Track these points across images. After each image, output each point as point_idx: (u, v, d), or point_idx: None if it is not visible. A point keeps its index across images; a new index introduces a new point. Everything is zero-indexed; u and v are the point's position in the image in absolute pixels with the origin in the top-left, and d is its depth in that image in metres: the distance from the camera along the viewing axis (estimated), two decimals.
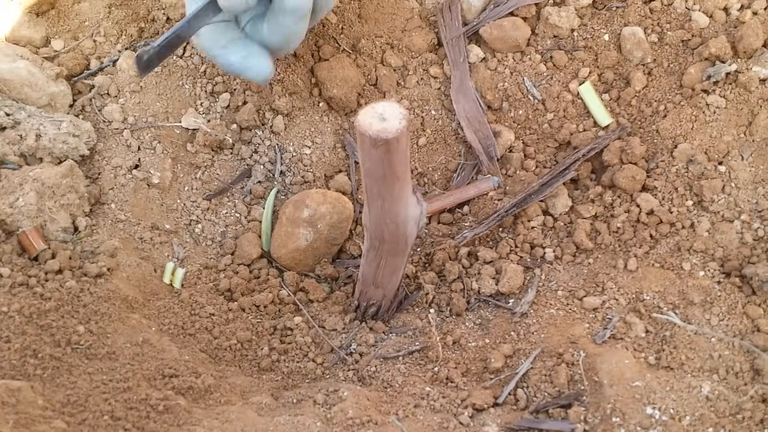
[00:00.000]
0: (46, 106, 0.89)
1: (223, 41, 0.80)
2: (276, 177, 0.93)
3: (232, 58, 0.80)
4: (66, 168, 0.83)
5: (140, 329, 0.76)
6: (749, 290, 0.75)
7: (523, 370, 0.73)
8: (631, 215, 0.81)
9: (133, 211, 0.88)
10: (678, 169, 0.82)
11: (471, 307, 0.83)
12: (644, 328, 0.74)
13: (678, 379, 0.70)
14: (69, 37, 0.95)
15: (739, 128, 0.82)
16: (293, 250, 0.88)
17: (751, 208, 0.79)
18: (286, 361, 0.79)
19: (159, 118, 0.92)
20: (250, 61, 0.80)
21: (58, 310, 0.74)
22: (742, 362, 0.71)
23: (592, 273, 0.80)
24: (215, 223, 0.91)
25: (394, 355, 0.78)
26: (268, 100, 0.93)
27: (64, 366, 0.69)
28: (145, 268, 0.84)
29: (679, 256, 0.78)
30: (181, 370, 0.73)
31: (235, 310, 0.84)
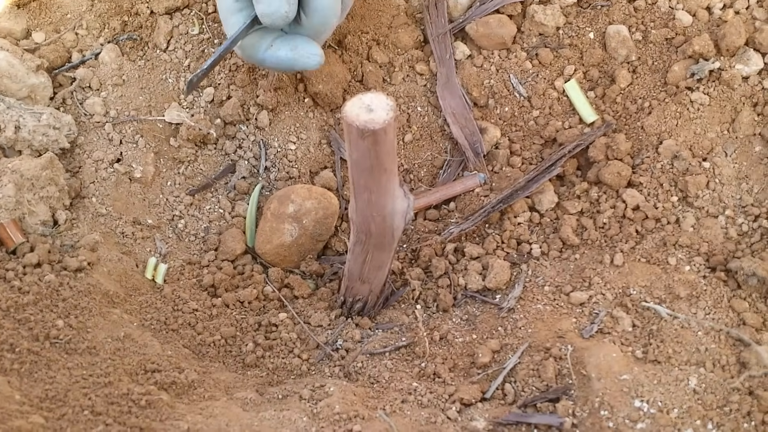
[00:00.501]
0: (26, 98, 0.87)
1: (266, 44, 0.81)
2: (260, 173, 0.92)
3: (281, 53, 0.81)
4: (46, 160, 0.82)
5: (122, 324, 0.75)
6: (734, 284, 0.76)
7: (510, 365, 0.73)
8: (617, 211, 0.82)
9: (114, 205, 0.87)
10: (663, 165, 0.82)
11: (458, 303, 0.83)
12: (631, 322, 0.74)
13: (665, 373, 0.70)
14: (50, 29, 0.93)
15: (723, 125, 0.83)
16: (278, 245, 0.87)
17: (735, 204, 0.80)
18: (271, 357, 0.78)
19: (142, 111, 0.91)
20: (299, 50, 0.81)
21: (37, 304, 0.73)
22: (729, 355, 0.71)
23: (578, 268, 0.80)
24: (198, 219, 0.90)
25: (381, 350, 0.78)
26: (252, 95, 0.92)
27: (42, 360, 0.68)
28: (126, 263, 0.83)
29: (664, 251, 0.78)
30: (163, 365, 0.72)
31: (218, 306, 0.83)
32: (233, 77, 0.92)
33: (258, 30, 0.82)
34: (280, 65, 0.83)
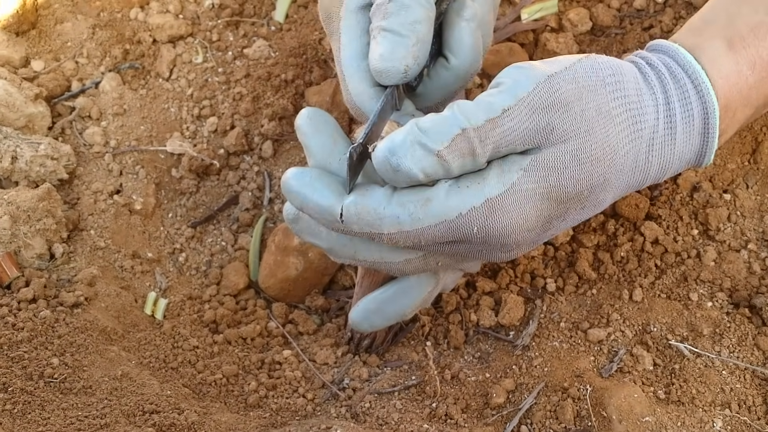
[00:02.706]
0: (23, 128, 0.86)
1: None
2: (264, 204, 0.90)
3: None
4: (43, 191, 0.81)
5: (119, 362, 0.73)
6: (759, 321, 0.73)
7: (526, 406, 0.70)
8: (635, 244, 0.79)
9: (113, 238, 0.85)
10: (682, 197, 0.80)
11: (470, 340, 0.80)
12: (652, 360, 0.72)
13: (689, 414, 0.68)
14: (50, 57, 0.92)
15: (744, 156, 0.81)
16: (282, 280, 0.85)
17: (757, 237, 0.78)
18: (274, 397, 0.76)
19: (143, 142, 0.89)
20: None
21: (31, 341, 0.71)
22: (755, 395, 0.69)
23: (596, 304, 0.78)
24: (200, 252, 0.89)
25: (390, 390, 0.75)
26: (256, 125, 0.91)
27: (36, 401, 0.66)
28: (125, 298, 0.81)
29: (686, 287, 0.76)
30: (162, 406, 0.70)
31: (220, 343, 0.81)
32: (237, 106, 0.91)
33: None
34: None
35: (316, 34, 0.95)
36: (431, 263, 0.61)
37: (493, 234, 0.54)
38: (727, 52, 0.61)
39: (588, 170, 0.55)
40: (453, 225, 0.53)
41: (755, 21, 0.62)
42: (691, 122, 0.60)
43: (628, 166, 0.58)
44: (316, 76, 0.93)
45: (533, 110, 0.53)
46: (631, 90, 0.57)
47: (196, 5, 0.97)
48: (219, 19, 0.96)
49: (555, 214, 0.57)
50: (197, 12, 0.96)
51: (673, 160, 0.60)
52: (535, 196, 0.54)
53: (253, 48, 0.95)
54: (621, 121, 0.56)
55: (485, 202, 0.53)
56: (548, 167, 0.54)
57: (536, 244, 0.60)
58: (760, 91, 0.63)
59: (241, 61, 0.95)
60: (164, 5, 0.95)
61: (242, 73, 0.94)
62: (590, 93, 0.55)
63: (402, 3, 0.57)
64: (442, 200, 0.53)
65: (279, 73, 0.93)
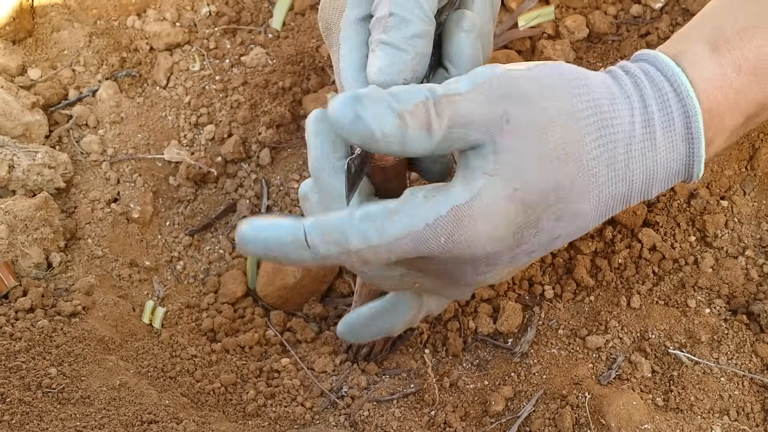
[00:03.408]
0: (20, 137, 0.86)
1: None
2: (262, 212, 0.90)
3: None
4: (40, 200, 0.80)
5: (117, 372, 0.73)
6: (757, 328, 0.73)
7: (525, 414, 0.70)
8: (633, 251, 0.79)
9: (110, 246, 0.85)
10: (680, 203, 0.80)
11: (468, 347, 0.80)
12: (650, 367, 0.72)
13: (688, 422, 0.68)
14: (47, 65, 0.92)
15: (741, 162, 0.81)
16: (280, 287, 0.85)
17: (755, 244, 0.78)
18: (273, 406, 0.76)
19: (140, 150, 0.89)
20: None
21: (29, 351, 0.70)
22: (753, 402, 0.69)
23: (594, 311, 0.77)
24: (198, 260, 0.89)
25: (388, 398, 0.75)
26: (254, 132, 0.90)
27: (34, 411, 0.65)
28: (122, 306, 0.81)
29: (683, 293, 0.76)
30: (160, 416, 0.69)
31: (218, 352, 0.80)
32: (234, 114, 0.91)
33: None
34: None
35: (313, 42, 0.95)
36: (408, 283, 0.60)
37: (462, 244, 0.52)
38: (710, 54, 0.59)
39: (550, 170, 0.53)
40: (421, 236, 0.51)
41: (741, 25, 0.60)
42: (672, 127, 0.57)
43: (602, 172, 0.55)
44: (313, 84, 0.93)
45: (490, 97, 0.52)
46: (601, 93, 0.55)
47: (193, 13, 0.97)
48: (216, 26, 0.96)
49: (525, 221, 0.54)
50: (194, 20, 0.96)
51: (657, 169, 0.57)
52: (502, 200, 0.52)
53: (251, 56, 0.95)
54: (588, 124, 0.54)
55: (451, 210, 0.51)
56: (512, 169, 0.52)
57: (513, 264, 0.57)
58: (748, 97, 0.60)
59: (239, 68, 0.94)
60: (161, 13, 0.95)
61: (239, 80, 0.93)
62: (552, 92, 0.54)
63: (402, 17, 0.56)
64: (408, 211, 0.52)
65: (276, 80, 0.93)
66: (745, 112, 0.60)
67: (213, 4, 0.96)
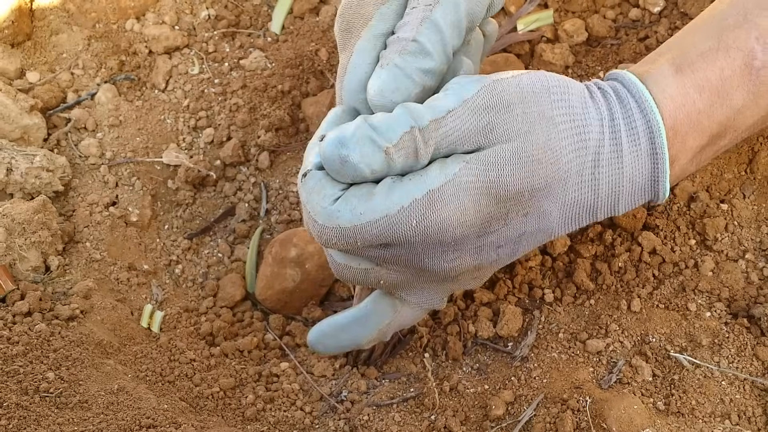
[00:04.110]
0: (18, 140, 0.86)
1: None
2: (261, 215, 0.90)
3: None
4: (38, 203, 0.80)
5: (115, 376, 0.72)
6: (758, 331, 0.73)
7: (525, 418, 0.70)
8: (633, 255, 0.79)
9: (109, 250, 0.84)
10: (680, 207, 0.80)
11: (468, 351, 0.80)
12: (651, 371, 0.71)
13: (689, 426, 0.67)
14: (45, 69, 0.92)
15: (740, 166, 0.81)
16: (279, 291, 0.85)
17: (755, 247, 0.77)
18: (272, 410, 0.75)
19: (139, 153, 0.89)
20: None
21: (26, 355, 0.70)
22: (755, 406, 0.69)
23: (594, 315, 0.77)
24: (196, 264, 0.88)
25: (388, 402, 0.74)
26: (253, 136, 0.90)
27: (31, 416, 0.65)
28: (121, 310, 0.80)
29: (684, 297, 0.76)
30: (159, 420, 0.69)
31: (217, 356, 0.80)
32: (233, 117, 0.91)
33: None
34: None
35: (312, 45, 0.95)
36: (373, 278, 0.60)
37: (432, 227, 0.53)
38: (674, 74, 0.61)
39: (529, 170, 0.54)
40: (394, 220, 0.53)
41: (705, 47, 0.62)
42: (637, 140, 0.59)
43: (572, 178, 0.57)
44: (312, 87, 0.93)
45: (475, 111, 0.54)
46: (576, 102, 0.57)
47: (192, 16, 0.96)
48: (215, 30, 0.96)
49: (495, 213, 0.55)
50: (193, 23, 0.96)
51: (624, 181, 0.59)
52: (475, 189, 0.53)
53: (250, 59, 0.94)
54: (564, 129, 0.56)
55: (426, 194, 0.52)
56: (489, 162, 0.54)
57: (479, 255, 0.58)
58: (711, 117, 0.61)
59: (238, 72, 0.94)
60: (160, 16, 0.95)
61: (239, 84, 0.93)
62: (533, 97, 0.55)
63: (423, 47, 0.56)
64: (384, 194, 0.53)
65: (275, 84, 0.93)
66: (707, 132, 0.62)
67: (212, 8, 0.96)
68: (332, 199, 0.53)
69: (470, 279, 0.63)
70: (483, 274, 0.63)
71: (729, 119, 0.62)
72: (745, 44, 0.61)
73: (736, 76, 0.61)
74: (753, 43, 0.61)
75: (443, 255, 0.57)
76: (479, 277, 0.64)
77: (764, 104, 0.63)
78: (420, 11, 0.57)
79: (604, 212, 0.61)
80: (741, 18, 0.62)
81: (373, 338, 0.67)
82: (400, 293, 0.64)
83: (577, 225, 0.61)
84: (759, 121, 0.65)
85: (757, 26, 0.61)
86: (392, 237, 0.53)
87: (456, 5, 0.57)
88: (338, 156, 0.51)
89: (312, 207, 0.54)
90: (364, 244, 0.54)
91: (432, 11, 0.57)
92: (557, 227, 0.60)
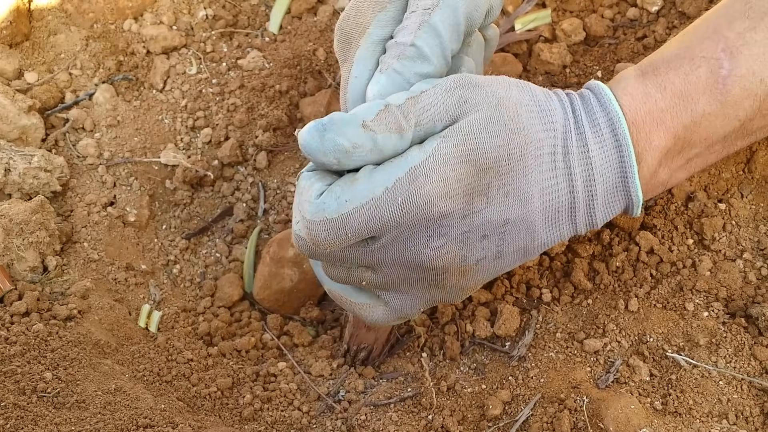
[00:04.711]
0: (16, 140, 0.86)
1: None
2: (259, 215, 0.90)
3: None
4: (36, 204, 0.80)
5: (113, 376, 0.72)
6: (755, 331, 0.73)
7: (523, 418, 0.70)
8: (631, 254, 0.79)
9: (107, 250, 0.85)
10: (677, 206, 0.80)
11: (465, 351, 0.80)
12: (648, 371, 0.71)
13: (687, 425, 0.67)
14: (43, 69, 0.92)
15: (738, 165, 0.81)
16: (277, 291, 0.85)
17: (753, 247, 0.77)
18: (269, 410, 0.75)
19: (136, 153, 0.89)
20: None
21: (24, 355, 0.70)
22: (752, 406, 0.69)
23: (591, 314, 0.77)
24: (194, 264, 0.88)
25: (385, 402, 0.74)
26: (251, 136, 0.90)
27: (29, 416, 0.65)
28: (118, 310, 0.80)
29: (681, 297, 0.76)
30: (156, 420, 0.69)
31: (214, 356, 0.80)
32: (231, 117, 0.91)
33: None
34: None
35: (310, 45, 0.95)
36: (356, 277, 0.61)
37: (417, 201, 0.53)
38: (636, 77, 0.63)
39: (503, 138, 0.55)
40: (379, 202, 0.53)
41: (671, 54, 0.64)
42: (599, 130, 0.61)
43: (546, 158, 0.58)
44: (310, 87, 0.93)
45: (448, 90, 0.55)
46: (539, 93, 0.60)
47: (189, 16, 0.96)
48: (213, 30, 0.96)
49: (476, 185, 0.56)
50: (191, 23, 0.96)
51: (595, 173, 0.60)
52: (454, 158, 0.54)
53: (247, 59, 0.94)
54: (531, 110, 0.58)
55: (408, 171, 0.53)
56: (465, 132, 0.55)
57: (465, 242, 0.58)
58: (675, 118, 0.62)
59: (235, 72, 0.94)
60: (158, 16, 0.95)
61: (236, 84, 0.93)
62: (499, 83, 0.58)
63: (422, 52, 0.57)
64: (367, 178, 0.53)
65: (273, 83, 0.93)
66: (672, 131, 0.63)
67: (210, 8, 0.96)
68: (318, 193, 0.54)
69: (456, 288, 0.63)
70: (467, 281, 0.63)
71: (695, 124, 0.63)
72: (712, 54, 0.62)
73: (701, 83, 0.62)
74: (719, 53, 0.62)
75: (429, 240, 0.57)
76: (463, 286, 0.63)
77: (734, 114, 0.63)
78: (418, 15, 0.57)
79: (582, 209, 0.62)
80: (710, 31, 0.64)
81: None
82: (382, 294, 0.63)
83: (558, 228, 0.62)
84: (733, 134, 0.66)
85: (725, 38, 0.62)
86: (380, 220, 0.53)
87: (454, 9, 0.58)
88: (317, 134, 0.52)
89: (301, 206, 0.54)
90: (354, 234, 0.54)
91: (430, 15, 0.57)
92: (540, 223, 0.61)
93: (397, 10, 0.60)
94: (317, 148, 0.52)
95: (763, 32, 0.62)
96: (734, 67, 0.62)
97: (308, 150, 0.52)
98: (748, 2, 0.63)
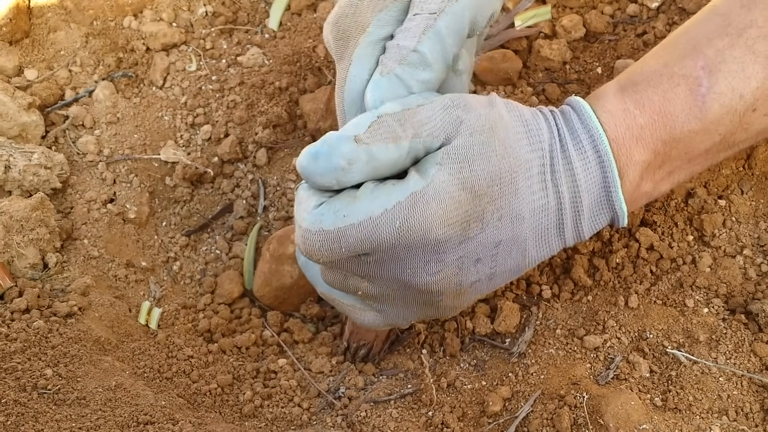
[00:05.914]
0: (16, 137, 0.86)
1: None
2: (259, 212, 0.90)
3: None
4: (36, 201, 0.80)
5: (113, 373, 0.72)
6: (756, 327, 0.73)
7: (523, 414, 0.70)
8: (631, 251, 0.79)
9: (107, 247, 0.85)
10: (677, 203, 0.80)
11: (465, 348, 0.80)
12: (648, 367, 0.71)
13: (687, 422, 0.67)
14: (43, 66, 0.92)
15: (738, 161, 0.81)
16: (277, 288, 0.84)
17: (753, 243, 0.77)
18: (270, 407, 0.75)
19: (136, 150, 0.89)
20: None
21: (25, 352, 0.70)
22: (752, 402, 0.69)
23: (591, 311, 0.77)
24: (194, 261, 0.88)
25: (386, 398, 0.74)
26: (251, 132, 0.90)
27: (29, 412, 0.65)
28: (119, 307, 0.80)
29: (681, 293, 0.76)
30: (157, 417, 0.69)
31: (215, 353, 0.80)
32: (231, 114, 0.90)
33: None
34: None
35: (309, 42, 0.94)
36: (351, 286, 0.61)
37: (415, 227, 0.53)
38: (615, 93, 0.64)
39: (495, 164, 0.56)
40: (377, 222, 0.53)
41: (651, 70, 0.64)
42: (582, 147, 0.61)
43: (535, 178, 0.59)
44: (310, 84, 0.93)
45: (445, 107, 0.56)
46: (526, 112, 0.60)
47: (189, 13, 0.96)
48: (212, 27, 0.96)
49: (472, 211, 0.56)
50: (191, 20, 0.96)
51: (581, 190, 0.61)
52: (452, 186, 0.54)
53: (247, 56, 0.94)
54: (519, 131, 0.58)
55: (410, 196, 0.53)
56: (460, 159, 0.55)
57: (461, 269, 0.59)
58: (655, 135, 0.63)
59: (235, 68, 0.94)
60: (157, 13, 0.95)
61: (236, 80, 0.93)
62: (488, 103, 0.58)
63: (424, 59, 0.57)
64: (368, 197, 0.53)
65: (273, 80, 0.93)
66: (651, 147, 0.63)
67: (209, 5, 0.96)
68: (317, 204, 0.54)
69: (449, 307, 0.64)
70: (461, 302, 0.63)
71: (675, 140, 0.63)
72: (691, 72, 0.62)
73: (680, 100, 0.62)
74: (699, 72, 0.62)
75: (426, 265, 0.57)
76: (457, 306, 0.64)
77: (714, 129, 0.64)
78: (423, 19, 0.57)
79: (570, 224, 0.63)
80: (690, 48, 0.64)
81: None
82: (375, 305, 0.64)
83: (548, 244, 0.63)
84: (714, 148, 0.66)
85: (705, 56, 0.63)
86: (375, 239, 0.53)
87: (460, 16, 0.57)
88: (310, 157, 0.52)
89: (299, 215, 0.54)
90: (348, 250, 0.54)
91: (436, 21, 0.57)
92: (531, 241, 0.61)
93: (398, 10, 0.59)
94: (314, 171, 0.52)
95: (741, 49, 0.62)
96: (713, 85, 0.62)
97: (307, 175, 0.53)
98: (727, 18, 0.63)
